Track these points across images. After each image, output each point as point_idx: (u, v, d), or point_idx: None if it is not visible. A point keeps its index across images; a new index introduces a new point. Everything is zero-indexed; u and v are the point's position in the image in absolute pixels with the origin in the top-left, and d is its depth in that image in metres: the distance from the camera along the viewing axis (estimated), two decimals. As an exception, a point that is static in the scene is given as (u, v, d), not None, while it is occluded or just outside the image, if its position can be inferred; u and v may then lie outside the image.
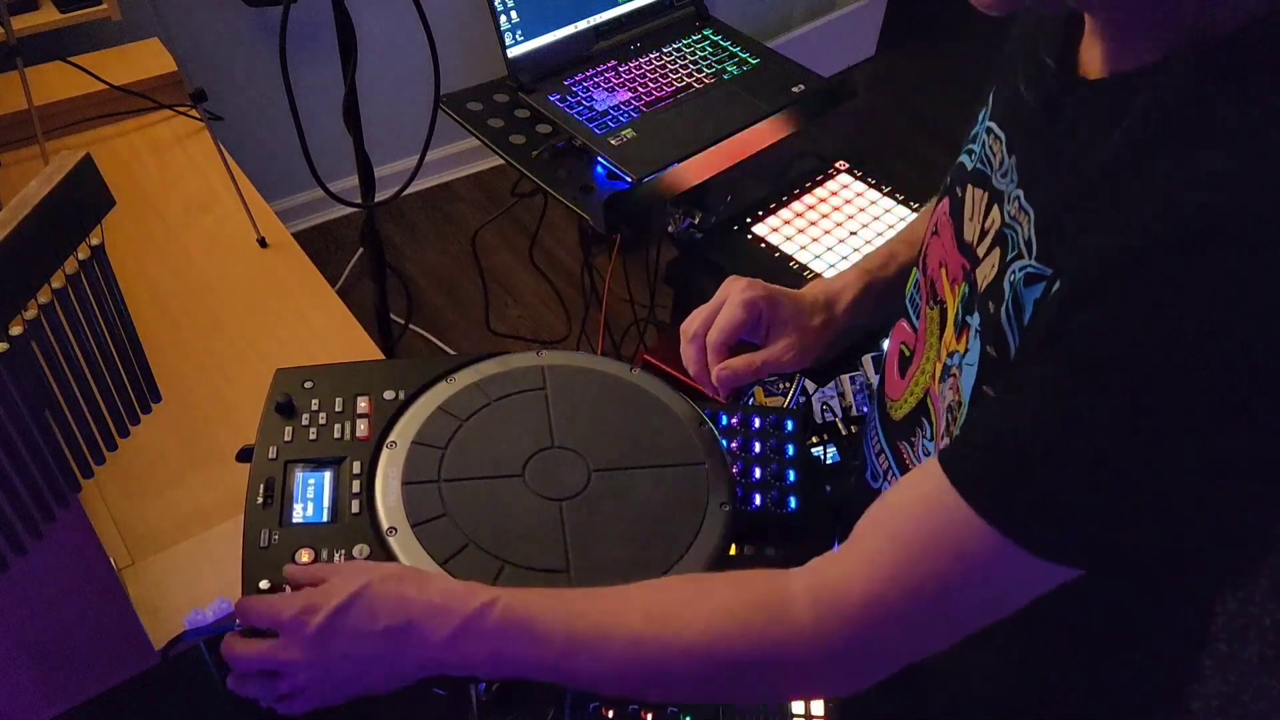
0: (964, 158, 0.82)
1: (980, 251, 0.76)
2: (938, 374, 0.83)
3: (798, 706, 0.88)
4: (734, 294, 0.89)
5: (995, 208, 0.75)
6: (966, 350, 0.75)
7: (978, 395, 0.73)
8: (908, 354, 0.89)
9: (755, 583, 0.68)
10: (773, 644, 0.65)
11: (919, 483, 0.65)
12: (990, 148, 0.77)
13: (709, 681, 0.68)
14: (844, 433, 1.40)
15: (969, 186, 0.80)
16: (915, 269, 0.89)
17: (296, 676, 0.71)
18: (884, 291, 0.96)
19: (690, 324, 0.90)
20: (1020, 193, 0.71)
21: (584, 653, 0.68)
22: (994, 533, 0.60)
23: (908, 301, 0.90)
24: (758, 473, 0.91)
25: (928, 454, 0.85)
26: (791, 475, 0.91)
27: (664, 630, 0.67)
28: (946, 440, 0.79)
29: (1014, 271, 0.69)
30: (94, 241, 0.90)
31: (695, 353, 0.88)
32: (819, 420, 1.42)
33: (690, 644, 0.66)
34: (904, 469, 0.89)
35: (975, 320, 0.74)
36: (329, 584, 0.73)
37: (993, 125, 0.78)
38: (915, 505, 0.65)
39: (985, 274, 0.74)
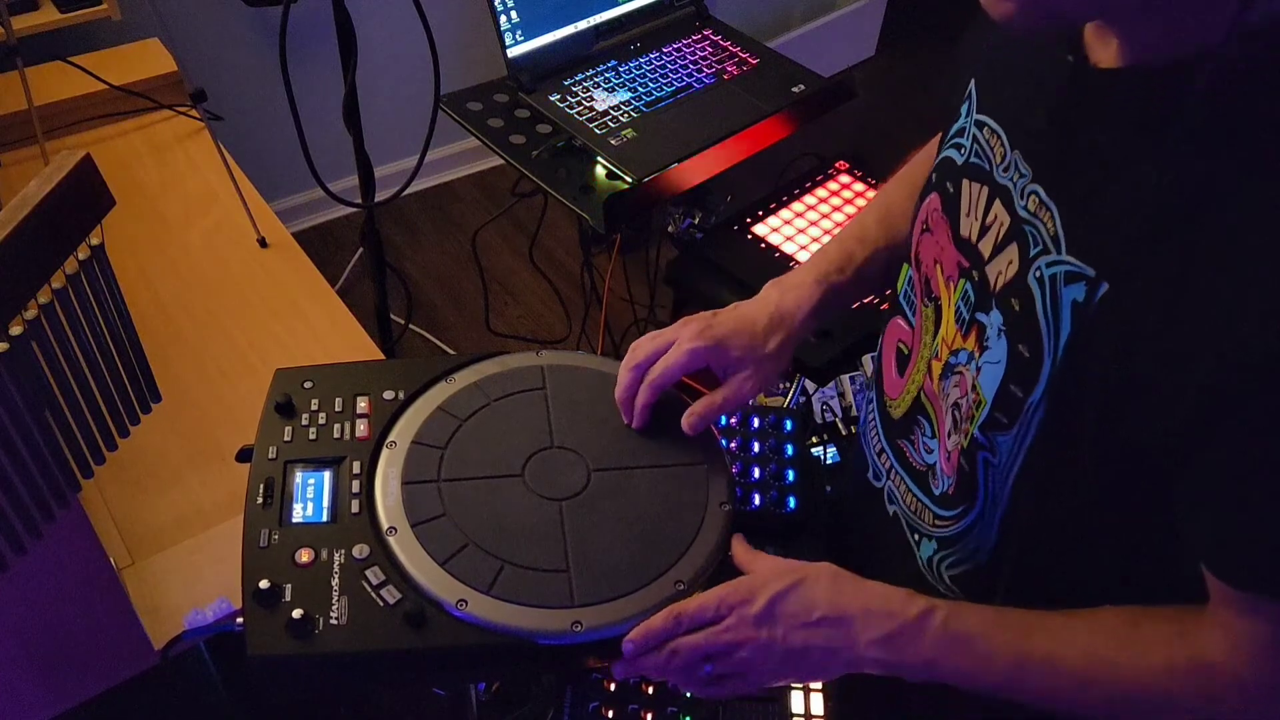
0: (951, 153, 0.82)
1: (985, 249, 0.76)
2: (935, 372, 0.83)
3: (797, 705, 0.88)
4: (683, 340, 0.89)
5: (998, 203, 0.75)
6: (984, 349, 0.75)
7: (1004, 395, 0.73)
8: (905, 352, 0.89)
9: (1180, 647, 0.70)
10: (1201, 705, 0.69)
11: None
12: (985, 142, 0.77)
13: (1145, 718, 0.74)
14: (844, 433, 1.40)
15: (963, 181, 0.79)
16: (907, 265, 0.89)
17: (734, 656, 0.75)
18: (841, 295, 0.95)
19: (635, 354, 0.89)
20: (1038, 188, 0.71)
21: (1029, 680, 0.72)
22: None
23: (901, 299, 0.90)
24: (757, 473, 0.91)
25: (929, 452, 0.85)
26: (791, 475, 0.91)
27: (1108, 677, 0.71)
28: (957, 438, 0.80)
29: (1040, 268, 0.69)
30: (94, 241, 0.90)
31: (630, 381, 0.88)
32: (819, 420, 1.42)
33: (1133, 695, 0.71)
34: (907, 467, 0.89)
35: (995, 319, 0.74)
36: (762, 574, 0.77)
37: (985, 119, 0.78)
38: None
39: (1000, 271, 0.74)
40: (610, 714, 0.85)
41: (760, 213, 1.61)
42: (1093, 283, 0.65)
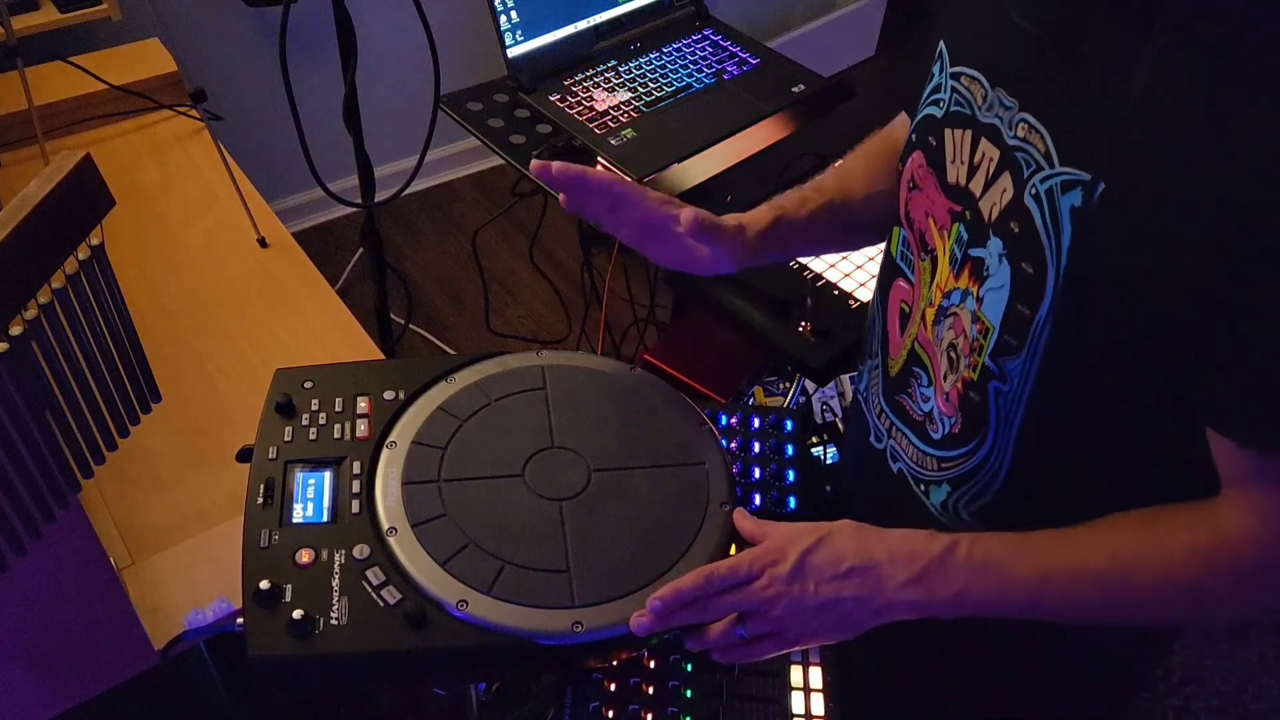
0: (931, 110, 0.84)
1: (975, 187, 0.78)
2: (929, 319, 0.85)
3: (798, 706, 0.88)
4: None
5: (984, 141, 0.77)
6: (985, 279, 0.77)
7: (1011, 316, 0.75)
8: (907, 310, 0.91)
9: (1201, 531, 0.72)
10: (1231, 584, 0.72)
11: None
12: (965, 90, 0.79)
13: (1174, 611, 0.78)
14: (844, 433, 1.40)
15: (945, 131, 0.81)
16: (898, 228, 0.90)
17: (767, 615, 0.76)
18: (792, 232, 0.96)
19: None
20: (1026, 115, 0.72)
21: (1057, 594, 0.74)
22: None
23: (899, 261, 0.91)
24: (758, 473, 0.91)
25: (926, 400, 0.87)
26: (791, 475, 0.91)
27: (1134, 576, 0.72)
28: (954, 378, 0.81)
29: (1035, 185, 0.71)
30: (94, 241, 0.90)
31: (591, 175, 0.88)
32: (819, 420, 1.42)
33: (1161, 589, 0.73)
34: (908, 421, 0.90)
35: (994, 246, 0.76)
36: (786, 534, 0.78)
37: (961, 70, 0.80)
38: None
39: (995, 202, 0.76)
40: (610, 714, 0.85)
41: (760, 213, 1.61)
42: (1089, 186, 0.67)
